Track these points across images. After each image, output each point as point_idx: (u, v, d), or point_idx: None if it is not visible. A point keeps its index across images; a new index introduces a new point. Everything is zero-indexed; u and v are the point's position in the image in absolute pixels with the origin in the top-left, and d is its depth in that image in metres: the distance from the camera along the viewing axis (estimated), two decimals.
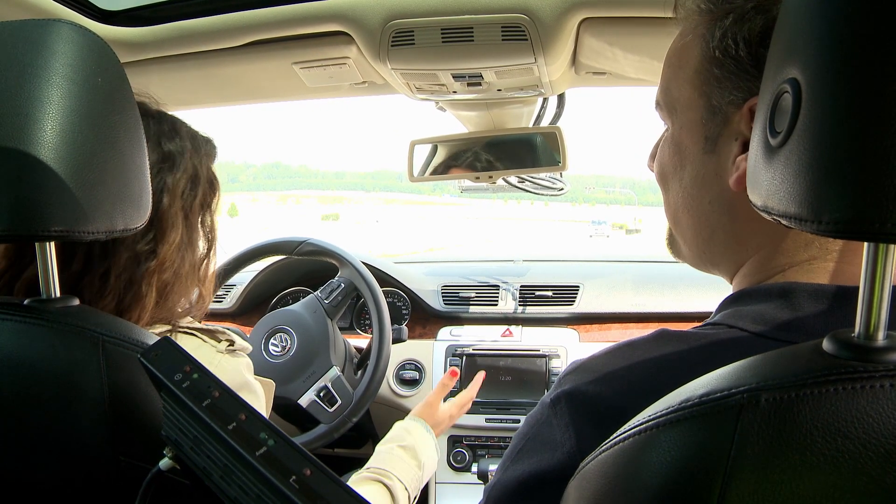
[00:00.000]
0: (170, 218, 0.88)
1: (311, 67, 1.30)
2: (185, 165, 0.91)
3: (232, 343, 0.91)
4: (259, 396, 0.94)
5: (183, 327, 0.90)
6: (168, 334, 0.87)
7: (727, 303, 0.64)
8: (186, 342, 0.87)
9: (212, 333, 0.90)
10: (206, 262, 0.97)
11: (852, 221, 0.37)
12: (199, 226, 0.95)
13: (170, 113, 0.96)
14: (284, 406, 1.67)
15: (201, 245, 0.96)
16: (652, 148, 0.77)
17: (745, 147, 0.61)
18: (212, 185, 0.98)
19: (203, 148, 0.97)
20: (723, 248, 0.67)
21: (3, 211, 0.65)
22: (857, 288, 0.41)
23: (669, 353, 0.58)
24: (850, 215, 0.36)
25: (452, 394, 1.89)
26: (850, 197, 0.36)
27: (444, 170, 1.69)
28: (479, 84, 1.31)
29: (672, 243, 0.76)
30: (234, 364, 0.89)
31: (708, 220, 0.67)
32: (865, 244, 0.40)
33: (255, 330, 1.77)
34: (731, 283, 0.69)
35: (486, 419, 1.88)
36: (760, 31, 0.59)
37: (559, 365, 1.91)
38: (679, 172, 0.69)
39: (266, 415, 0.98)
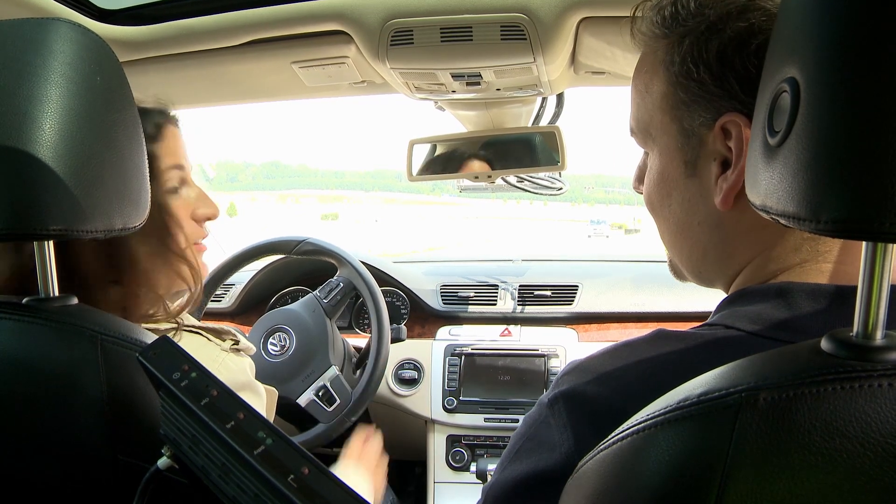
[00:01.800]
0: None
1: (309, 67, 1.30)
2: None
3: (236, 342, 0.91)
4: (262, 397, 0.94)
5: (188, 326, 0.90)
6: (173, 332, 0.87)
7: (725, 304, 0.65)
8: (191, 340, 0.88)
9: (216, 332, 0.91)
10: (169, 234, 0.94)
11: (851, 220, 0.37)
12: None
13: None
14: (283, 405, 1.67)
15: (154, 215, 0.92)
16: (636, 170, 0.78)
17: (724, 166, 0.62)
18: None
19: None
20: (716, 265, 0.69)
21: (2, 210, 0.65)
22: (855, 287, 0.41)
23: (667, 353, 0.58)
24: (849, 214, 0.36)
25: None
26: (849, 196, 0.36)
27: (442, 169, 1.69)
28: (478, 83, 1.31)
29: (674, 269, 0.78)
30: (238, 363, 0.89)
31: (699, 240, 0.68)
32: (864, 243, 0.40)
33: (253, 329, 1.77)
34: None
35: (484, 419, 1.88)
36: (718, 52, 0.60)
37: (558, 364, 1.91)
38: (667, 200, 0.70)
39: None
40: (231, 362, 0.88)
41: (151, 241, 0.91)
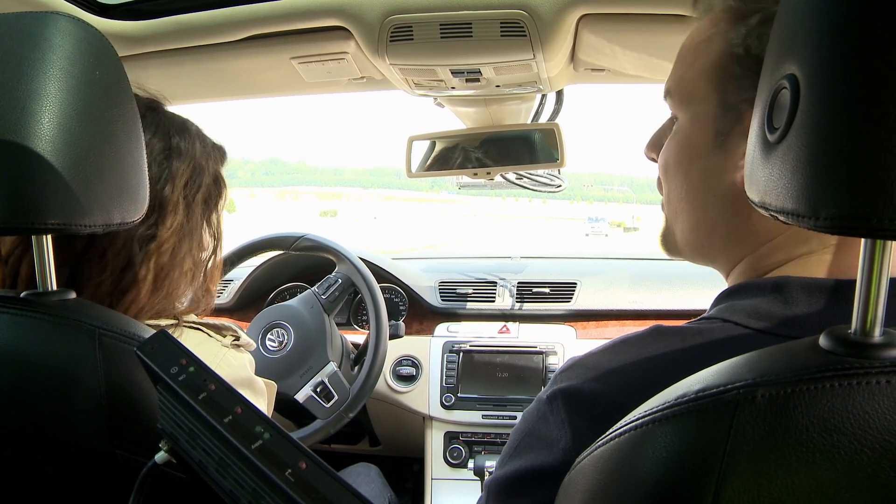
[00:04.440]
0: (170, 204, 0.89)
1: (309, 62, 1.29)
2: (189, 158, 0.93)
3: (237, 338, 0.91)
4: (262, 394, 0.95)
5: (188, 322, 0.90)
6: (173, 328, 0.87)
7: (722, 297, 0.65)
8: (192, 336, 0.88)
9: (217, 328, 0.91)
10: (212, 259, 0.99)
11: (850, 217, 0.37)
12: (204, 222, 0.96)
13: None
14: (281, 401, 1.67)
15: (206, 242, 0.97)
16: (654, 135, 0.77)
17: None
18: (217, 184, 0.99)
19: (212, 151, 0.99)
20: (722, 244, 0.68)
21: (1, 204, 0.65)
22: (851, 281, 0.41)
23: (665, 349, 0.58)
24: (848, 211, 0.36)
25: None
26: (848, 193, 0.36)
27: (442, 166, 1.68)
28: (478, 80, 1.30)
29: (666, 239, 0.76)
30: (239, 359, 0.89)
31: (710, 214, 0.68)
32: (863, 240, 0.40)
33: (252, 325, 1.77)
34: (727, 279, 0.70)
35: (482, 415, 1.88)
36: None
37: (556, 362, 1.91)
38: (686, 167, 0.69)
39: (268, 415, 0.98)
40: (232, 358, 0.88)
41: (186, 246, 0.92)
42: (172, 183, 0.90)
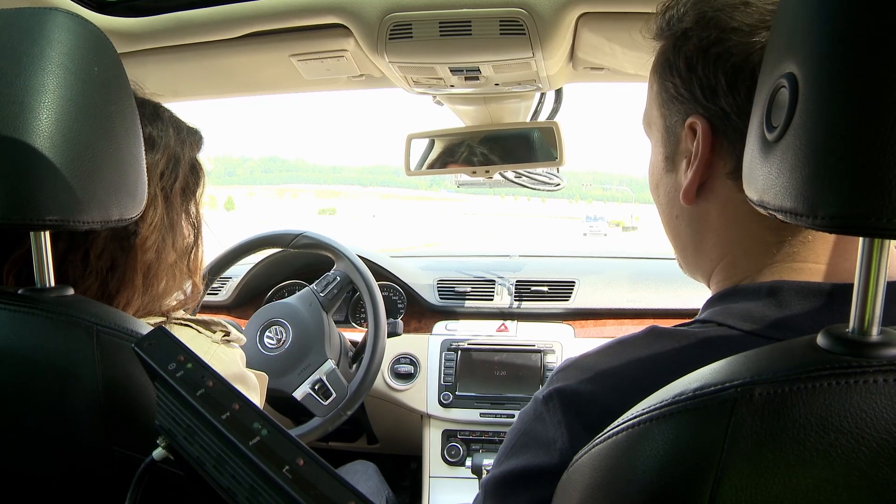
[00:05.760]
0: (148, 197, 0.86)
1: (308, 60, 1.29)
2: (164, 148, 0.91)
3: (227, 334, 0.91)
4: (255, 388, 0.94)
5: (178, 319, 0.90)
6: (162, 326, 0.87)
7: (714, 300, 0.65)
8: (181, 333, 0.87)
9: (206, 324, 0.90)
10: (194, 251, 0.97)
11: (848, 216, 0.37)
12: (183, 212, 0.95)
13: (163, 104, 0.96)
14: (279, 399, 1.67)
15: (187, 232, 0.96)
16: None
17: (689, 164, 0.64)
18: (195, 173, 0.97)
19: (187, 137, 0.96)
20: (694, 259, 0.71)
21: None
22: (845, 285, 0.41)
23: (660, 351, 0.59)
24: (846, 210, 0.36)
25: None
26: (847, 192, 0.36)
27: (440, 164, 1.68)
28: (477, 78, 1.30)
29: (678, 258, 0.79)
30: (230, 354, 0.89)
31: (678, 233, 0.71)
32: (861, 239, 0.40)
33: (250, 322, 1.77)
34: (710, 288, 0.71)
35: (480, 414, 1.89)
36: (686, 58, 0.63)
37: (554, 360, 1.91)
38: (656, 192, 0.73)
39: (260, 407, 0.98)
40: (223, 354, 0.88)
41: (169, 240, 0.92)
42: (148, 176, 0.87)
